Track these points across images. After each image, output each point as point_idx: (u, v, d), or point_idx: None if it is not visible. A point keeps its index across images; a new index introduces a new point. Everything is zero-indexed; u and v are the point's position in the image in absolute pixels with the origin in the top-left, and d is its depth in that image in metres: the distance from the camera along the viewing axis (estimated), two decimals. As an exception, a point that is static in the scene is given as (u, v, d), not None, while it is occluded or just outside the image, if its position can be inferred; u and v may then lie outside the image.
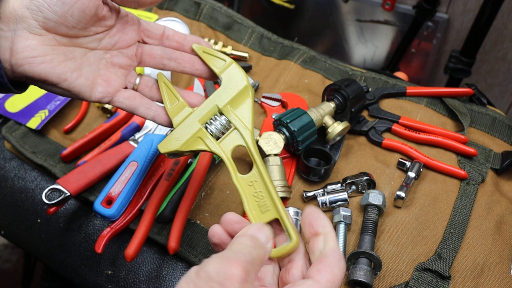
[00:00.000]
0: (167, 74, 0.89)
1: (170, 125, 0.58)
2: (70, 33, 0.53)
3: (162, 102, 0.58)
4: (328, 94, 0.83)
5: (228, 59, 0.57)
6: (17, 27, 0.49)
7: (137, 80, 0.59)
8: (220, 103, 0.56)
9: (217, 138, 0.56)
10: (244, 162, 0.80)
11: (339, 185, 0.75)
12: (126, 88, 0.59)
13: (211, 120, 0.56)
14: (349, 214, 0.71)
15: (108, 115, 0.88)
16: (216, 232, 0.50)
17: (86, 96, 0.56)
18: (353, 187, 0.75)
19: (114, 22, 0.56)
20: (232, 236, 0.50)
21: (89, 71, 0.56)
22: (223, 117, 0.56)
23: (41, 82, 0.53)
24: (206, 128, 0.56)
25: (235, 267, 0.39)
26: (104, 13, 0.54)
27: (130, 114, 0.85)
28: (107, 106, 0.86)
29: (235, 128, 0.55)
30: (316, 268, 0.43)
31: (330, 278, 0.42)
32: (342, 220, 0.70)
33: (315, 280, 0.42)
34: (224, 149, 0.55)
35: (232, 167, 0.53)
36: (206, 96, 0.87)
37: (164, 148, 0.56)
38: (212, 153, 0.55)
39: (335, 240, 0.46)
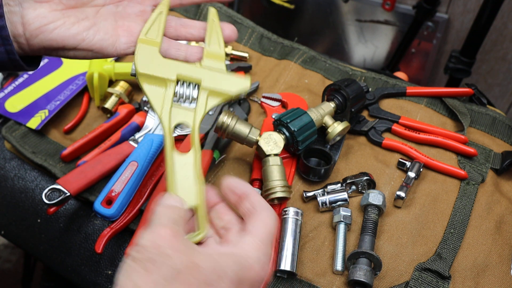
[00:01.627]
0: None
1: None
2: None
3: (188, 41, 0.61)
4: (328, 94, 0.83)
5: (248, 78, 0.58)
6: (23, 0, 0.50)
7: None
8: (206, 83, 0.56)
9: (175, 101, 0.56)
10: (244, 162, 0.80)
11: (339, 185, 0.75)
12: None
13: (185, 84, 0.56)
14: (349, 214, 0.71)
15: (108, 115, 0.88)
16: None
17: (110, 50, 0.56)
18: (353, 187, 0.75)
19: None
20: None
21: (107, 25, 0.56)
22: (195, 92, 0.56)
23: (60, 50, 0.54)
24: (177, 83, 0.56)
25: (161, 229, 0.42)
26: None
27: (130, 114, 0.85)
28: (107, 106, 0.86)
29: (194, 110, 0.55)
30: (251, 224, 0.46)
31: (265, 230, 0.46)
32: (342, 220, 0.70)
33: (253, 235, 0.45)
34: (171, 118, 0.55)
35: (170, 140, 0.53)
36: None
37: (140, 54, 0.56)
38: (158, 117, 0.56)
39: (259, 196, 0.49)
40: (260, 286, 0.45)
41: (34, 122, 0.84)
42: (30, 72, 0.92)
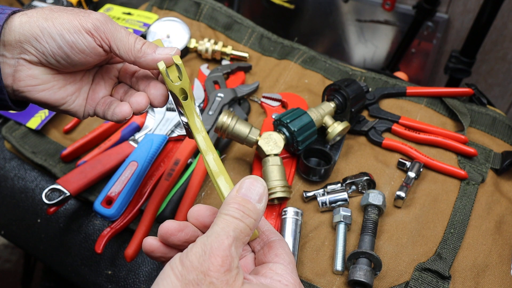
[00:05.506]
0: None
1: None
2: (70, 69, 0.55)
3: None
4: (328, 94, 0.83)
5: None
6: (21, 56, 0.51)
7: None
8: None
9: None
10: (244, 162, 0.80)
11: (339, 185, 0.75)
12: (111, 95, 0.60)
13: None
14: (349, 214, 0.71)
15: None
16: (150, 245, 0.47)
17: (80, 115, 0.58)
18: (353, 187, 0.75)
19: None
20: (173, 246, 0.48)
21: (86, 91, 0.58)
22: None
23: (41, 104, 0.55)
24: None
25: (217, 257, 0.39)
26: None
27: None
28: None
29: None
30: (273, 253, 0.46)
31: (288, 257, 0.46)
32: (342, 220, 0.70)
33: (282, 264, 0.45)
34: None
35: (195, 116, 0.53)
36: (206, 97, 0.87)
37: None
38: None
39: (269, 224, 0.48)
40: None
41: (34, 122, 0.84)
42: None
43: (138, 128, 0.84)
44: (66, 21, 0.51)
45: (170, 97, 0.57)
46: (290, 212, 0.70)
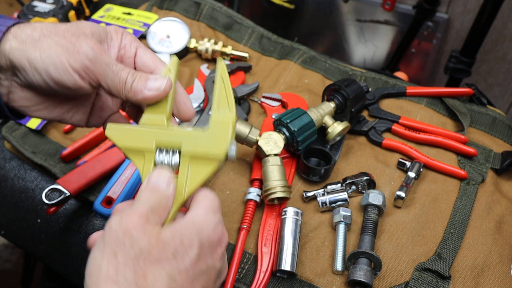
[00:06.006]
0: None
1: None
2: (61, 96, 0.54)
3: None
4: (328, 94, 0.83)
5: (233, 113, 0.51)
6: (13, 79, 0.51)
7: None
8: (186, 147, 0.50)
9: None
10: (244, 162, 0.80)
11: (339, 185, 0.75)
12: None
13: (165, 151, 0.50)
14: (349, 214, 0.71)
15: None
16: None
17: (83, 125, 0.59)
18: (353, 187, 0.75)
19: None
20: None
21: (86, 105, 0.58)
22: (176, 157, 0.50)
23: (39, 118, 0.56)
24: (157, 150, 0.50)
25: (133, 215, 0.44)
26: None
27: (130, 114, 0.86)
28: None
29: (176, 177, 0.50)
30: (193, 201, 0.50)
31: (208, 201, 0.49)
32: (342, 220, 0.70)
33: (197, 205, 0.49)
34: None
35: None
36: (206, 97, 0.87)
37: (111, 132, 0.51)
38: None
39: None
40: (218, 247, 0.48)
41: (34, 122, 0.84)
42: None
43: (138, 128, 0.84)
44: (54, 55, 0.48)
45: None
46: (290, 212, 0.70)
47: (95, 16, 1.03)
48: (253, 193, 0.74)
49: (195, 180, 0.50)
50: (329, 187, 0.75)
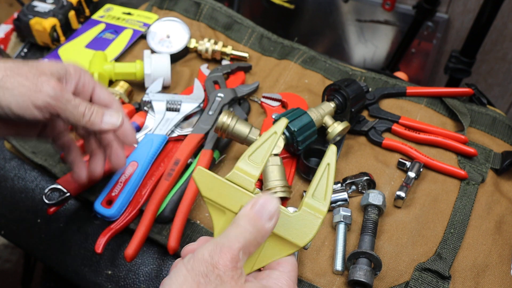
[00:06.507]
0: (168, 75, 0.90)
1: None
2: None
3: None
4: (328, 94, 0.83)
5: (326, 208, 0.50)
6: None
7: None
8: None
9: None
10: (244, 162, 0.80)
11: (339, 185, 0.75)
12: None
13: None
14: (349, 214, 0.71)
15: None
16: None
17: (33, 139, 0.65)
18: (353, 187, 0.75)
19: None
20: None
21: (37, 128, 0.64)
22: None
23: None
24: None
25: (227, 254, 0.43)
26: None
27: (130, 114, 0.86)
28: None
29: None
30: (276, 262, 0.49)
31: (291, 268, 0.48)
32: (342, 220, 0.70)
33: (280, 271, 0.48)
34: None
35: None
36: (206, 97, 0.87)
37: (199, 178, 0.50)
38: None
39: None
40: None
41: (34, 122, 0.84)
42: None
43: (138, 128, 0.84)
44: (18, 94, 0.52)
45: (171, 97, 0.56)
46: (290, 212, 0.70)
47: (95, 16, 1.03)
48: (253, 193, 0.74)
49: (268, 258, 0.49)
50: (329, 187, 0.75)
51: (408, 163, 0.78)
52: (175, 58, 0.97)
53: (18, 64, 0.54)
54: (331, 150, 0.53)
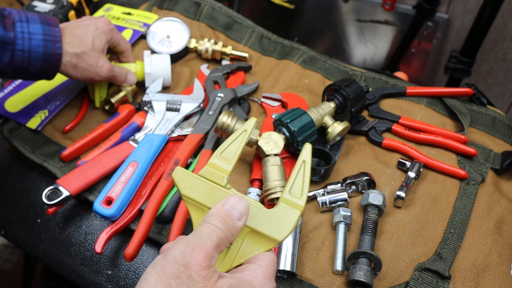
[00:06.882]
0: (168, 75, 0.90)
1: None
2: None
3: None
4: (328, 94, 0.83)
5: (303, 203, 0.52)
6: None
7: None
8: (248, 221, 0.50)
9: None
10: (244, 162, 0.80)
11: (339, 185, 0.75)
12: None
13: None
14: (349, 214, 0.71)
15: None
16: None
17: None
18: (353, 187, 0.75)
19: None
20: None
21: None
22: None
23: None
24: None
25: (200, 252, 0.43)
26: None
27: (131, 114, 0.86)
28: (113, 100, 0.86)
29: (226, 249, 0.50)
30: (254, 256, 0.50)
31: (268, 262, 0.49)
32: (342, 220, 0.70)
33: (257, 264, 0.49)
34: None
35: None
36: (206, 97, 0.87)
37: (178, 177, 0.52)
38: None
39: None
40: None
41: (34, 122, 0.84)
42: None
43: (138, 128, 0.84)
44: (86, 77, 0.81)
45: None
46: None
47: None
48: (253, 193, 0.74)
49: (247, 254, 0.50)
50: (329, 187, 0.75)
51: (408, 163, 0.78)
52: (175, 58, 0.97)
53: (81, 47, 0.77)
54: (306, 148, 0.55)
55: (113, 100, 0.86)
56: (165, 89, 0.92)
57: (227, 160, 0.54)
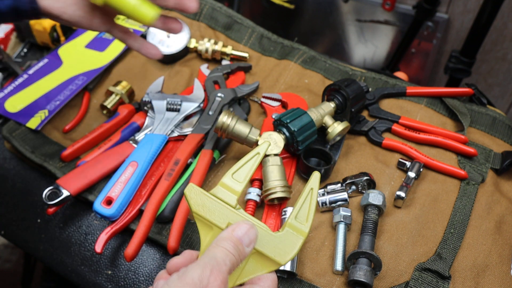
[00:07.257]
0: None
1: (156, 57, 0.71)
2: None
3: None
4: (328, 94, 0.83)
5: (307, 229, 0.54)
6: None
7: None
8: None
9: None
10: (244, 162, 0.80)
11: (339, 185, 0.75)
12: None
13: None
14: (349, 214, 0.71)
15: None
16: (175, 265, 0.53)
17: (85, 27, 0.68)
18: (353, 187, 0.75)
19: None
20: None
21: (86, 4, 0.66)
22: None
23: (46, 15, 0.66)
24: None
25: (217, 277, 0.45)
26: None
27: (130, 114, 0.86)
28: (106, 104, 0.86)
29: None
30: (257, 277, 0.51)
31: (270, 283, 0.51)
32: (342, 220, 0.70)
33: (260, 285, 0.50)
34: None
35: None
36: (206, 97, 0.87)
37: (190, 194, 0.54)
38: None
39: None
40: None
41: (34, 122, 0.84)
42: (30, 72, 0.92)
43: (138, 128, 0.84)
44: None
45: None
46: (290, 212, 0.70)
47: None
48: (253, 193, 0.74)
49: (250, 273, 0.52)
50: (329, 187, 0.75)
51: (408, 163, 0.78)
52: (175, 58, 0.97)
53: None
54: (315, 176, 0.57)
55: (106, 104, 0.86)
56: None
57: (238, 181, 0.56)
